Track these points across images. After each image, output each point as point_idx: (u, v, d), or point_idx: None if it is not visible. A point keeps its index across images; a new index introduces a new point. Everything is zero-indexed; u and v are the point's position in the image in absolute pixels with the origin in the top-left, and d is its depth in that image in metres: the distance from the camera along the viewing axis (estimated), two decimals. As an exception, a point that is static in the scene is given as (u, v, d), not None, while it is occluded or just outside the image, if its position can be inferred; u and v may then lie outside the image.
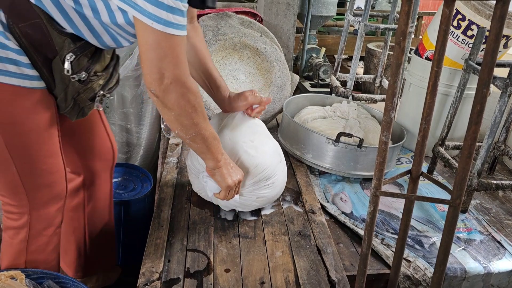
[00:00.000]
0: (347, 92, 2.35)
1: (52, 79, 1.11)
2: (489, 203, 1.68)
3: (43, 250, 1.32)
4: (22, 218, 1.25)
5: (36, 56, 1.07)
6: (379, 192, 0.95)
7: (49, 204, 1.27)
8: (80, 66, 1.11)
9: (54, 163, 1.24)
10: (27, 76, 1.08)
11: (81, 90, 1.15)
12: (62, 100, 1.15)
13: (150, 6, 0.93)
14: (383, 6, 5.58)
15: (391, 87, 0.87)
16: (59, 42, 1.06)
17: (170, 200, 1.47)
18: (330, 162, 1.72)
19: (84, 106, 1.21)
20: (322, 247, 1.30)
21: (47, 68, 1.09)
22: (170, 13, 0.94)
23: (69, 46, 1.08)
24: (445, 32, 0.88)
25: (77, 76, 1.11)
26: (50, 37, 1.05)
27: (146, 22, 0.94)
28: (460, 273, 1.29)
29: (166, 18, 0.94)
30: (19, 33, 1.03)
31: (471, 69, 1.61)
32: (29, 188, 1.21)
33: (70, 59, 1.08)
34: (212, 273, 1.17)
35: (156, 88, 1.01)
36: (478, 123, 0.84)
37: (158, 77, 0.99)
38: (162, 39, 0.96)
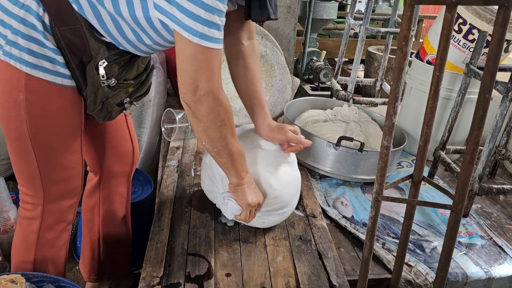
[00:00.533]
0: (348, 96, 2.35)
1: (84, 81, 1.17)
2: (490, 207, 1.68)
3: (52, 244, 1.35)
4: (36, 209, 1.29)
5: (71, 58, 1.13)
6: (381, 197, 0.94)
7: (62, 199, 1.31)
8: (111, 73, 1.17)
9: (72, 159, 1.28)
10: (60, 74, 1.14)
11: (110, 95, 1.20)
12: (92, 102, 1.20)
13: (187, 19, 0.97)
14: (384, 10, 5.59)
15: (393, 92, 0.87)
16: (95, 49, 1.13)
17: (171, 204, 1.47)
18: (331, 166, 1.71)
19: (112, 110, 1.26)
20: (323, 251, 1.30)
21: (80, 70, 1.15)
22: (206, 26, 0.98)
23: (103, 53, 1.14)
24: (447, 37, 0.88)
25: (106, 81, 1.17)
26: (88, 43, 1.12)
27: (183, 34, 0.98)
28: (461, 278, 1.29)
29: (201, 31, 0.98)
30: (59, 35, 1.09)
31: (472, 73, 1.61)
32: (46, 180, 1.25)
33: (103, 65, 1.14)
34: (213, 278, 1.17)
35: (189, 98, 1.05)
36: (481, 128, 0.84)
37: (193, 88, 1.03)
38: (199, 51, 1.00)
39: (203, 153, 1.48)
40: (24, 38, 1.08)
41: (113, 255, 1.68)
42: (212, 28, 0.99)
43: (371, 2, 2.32)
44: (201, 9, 0.96)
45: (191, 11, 0.96)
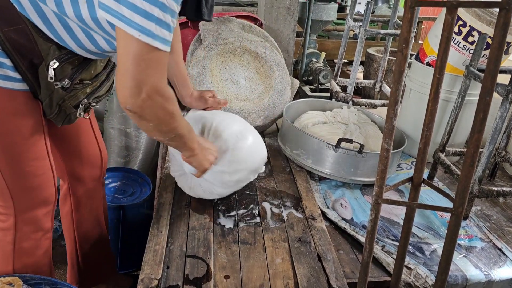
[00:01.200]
0: (347, 97, 2.34)
1: (37, 84, 1.11)
2: (490, 209, 1.68)
3: (31, 253, 1.30)
4: (9, 219, 1.24)
5: (20, 60, 1.06)
6: (381, 199, 0.94)
7: (36, 208, 1.26)
8: (64, 74, 1.11)
9: (39, 166, 1.23)
10: (9, 78, 1.08)
11: (66, 97, 1.15)
12: (47, 106, 1.15)
13: (138, 17, 0.90)
14: (383, 11, 5.59)
15: (394, 94, 0.86)
16: (45, 49, 1.06)
17: (169, 206, 1.47)
18: (330, 168, 1.71)
19: (70, 113, 1.20)
20: (323, 253, 1.29)
21: (31, 72, 1.09)
22: (158, 26, 0.92)
23: (53, 53, 1.07)
24: (447, 39, 0.87)
25: (60, 83, 1.11)
26: (36, 43, 1.05)
27: (132, 33, 0.91)
28: (461, 281, 1.28)
29: (154, 31, 0.92)
30: (2, 37, 1.03)
31: (472, 75, 1.61)
32: (14, 190, 1.21)
33: (54, 65, 1.08)
34: (212, 280, 1.16)
35: (133, 103, 0.97)
36: (481, 131, 0.84)
37: (136, 91, 0.95)
38: (146, 51, 0.93)
39: None
40: None
41: (93, 261, 1.65)
42: (164, 28, 0.93)
43: (371, 4, 2.32)
44: (155, 7, 0.90)
45: (143, 9, 0.89)
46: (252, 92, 2.10)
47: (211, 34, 2.07)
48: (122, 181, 2.05)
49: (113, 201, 1.89)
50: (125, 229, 1.92)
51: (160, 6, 0.90)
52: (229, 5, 3.21)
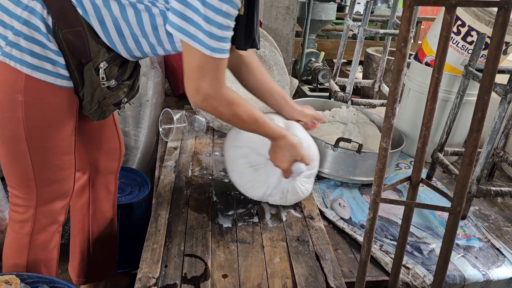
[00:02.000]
0: (346, 97, 2.34)
1: (81, 82, 1.18)
2: (488, 209, 1.68)
3: (45, 246, 1.34)
4: (28, 211, 1.28)
5: (72, 59, 1.14)
6: (379, 199, 0.94)
7: (55, 200, 1.31)
8: (111, 74, 1.19)
9: (67, 160, 1.29)
10: (60, 76, 1.15)
11: (108, 95, 1.22)
12: (88, 103, 1.22)
13: (201, 35, 1.04)
14: (382, 11, 5.60)
15: (392, 93, 0.86)
16: (95, 51, 1.14)
17: (168, 205, 1.46)
18: (329, 167, 1.71)
19: (107, 109, 1.27)
20: (321, 253, 1.29)
21: (79, 71, 1.16)
22: (219, 41, 1.06)
23: (103, 55, 1.16)
24: (446, 39, 0.87)
25: (107, 83, 1.19)
26: (88, 45, 1.13)
27: (196, 47, 1.06)
28: (459, 281, 1.28)
29: (215, 46, 1.06)
30: (61, 38, 1.10)
31: (470, 75, 1.61)
32: (40, 182, 1.25)
33: (104, 67, 1.16)
34: (210, 279, 1.16)
35: (194, 103, 1.18)
36: (479, 131, 0.84)
37: (195, 92, 1.13)
38: (207, 62, 1.08)
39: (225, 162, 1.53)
40: (27, 40, 1.08)
41: (102, 256, 1.67)
42: (223, 42, 1.07)
43: (370, 4, 2.32)
44: (218, 30, 1.04)
45: (208, 31, 1.03)
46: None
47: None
48: (120, 180, 2.04)
49: (111, 200, 1.89)
50: (124, 228, 1.91)
51: (222, 28, 1.04)
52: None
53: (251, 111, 1.24)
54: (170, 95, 2.73)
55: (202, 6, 1.01)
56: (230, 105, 1.18)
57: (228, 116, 1.21)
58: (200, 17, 1.02)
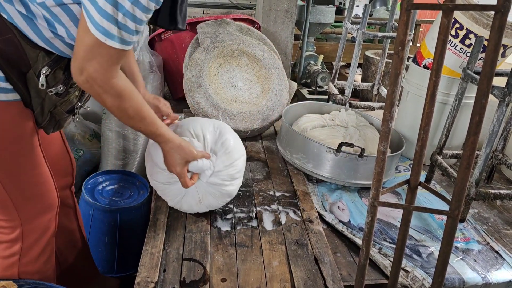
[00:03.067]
0: (345, 100, 2.34)
1: (27, 93, 1.11)
2: (487, 212, 1.68)
3: (36, 260, 1.29)
4: (15, 231, 1.22)
5: (10, 71, 1.06)
6: (377, 202, 0.94)
7: (41, 214, 1.26)
8: (57, 80, 1.12)
9: (39, 173, 1.22)
10: (2, 90, 1.07)
11: (58, 103, 1.15)
12: (39, 114, 1.15)
13: (105, 22, 0.96)
14: (381, 14, 5.60)
15: (390, 97, 0.86)
16: (33, 56, 1.07)
17: (166, 208, 1.46)
18: (330, 171, 1.71)
19: (61, 118, 1.20)
20: (320, 256, 1.29)
21: (22, 82, 1.09)
22: (120, 29, 0.98)
23: (43, 60, 1.08)
24: (443, 42, 0.88)
25: (54, 89, 1.11)
26: (24, 51, 1.06)
27: (91, 30, 0.97)
28: (458, 284, 1.28)
29: (111, 31, 0.97)
30: None
31: (469, 78, 1.61)
32: (18, 201, 1.19)
33: (46, 73, 1.09)
34: (208, 283, 1.16)
35: (76, 79, 1.05)
36: (477, 134, 0.84)
37: (78, 72, 1.03)
38: (97, 45, 0.99)
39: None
40: None
41: (70, 266, 1.61)
42: (127, 31, 0.99)
43: (368, 7, 2.32)
44: (119, 13, 0.96)
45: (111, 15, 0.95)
46: (249, 95, 2.10)
47: (209, 36, 2.07)
48: (119, 184, 2.04)
49: (110, 204, 1.89)
50: (122, 232, 1.91)
51: (124, 13, 0.96)
52: (227, 8, 3.22)
53: (140, 108, 1.15)
54: (169, 99, 2.73)
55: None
56: (117, 97, 1.09)
57: (111, 107, 1.11)
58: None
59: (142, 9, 0.97)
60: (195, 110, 2.02)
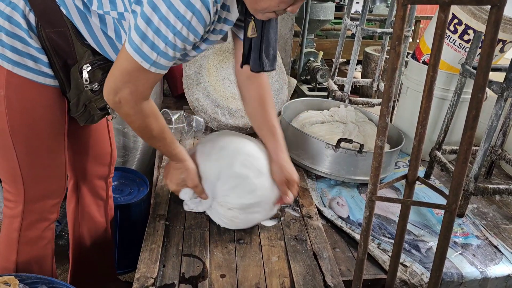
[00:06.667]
0: (344, 96, 2.34)
1: (68, 83, 1.18)
2: (486, 207, 1.68)
3: (34, 243, 1.34)
4: (17, 207, 1.28)
5: (56, 59, 1.14)
6: (375, 197, 0.94)
7: (45, 198, 1.31)
8: (95, 78, 1.17)
9: (54, 158, 1.28)
10: (42, 73, 1.15)
11: (93, 99, 1.21)
12: (74, 105, 1.22)
13: (146, 47, 0.99)
14: (381, 11, 5.60)
15: (387, 92, 0.87)
16: (80, 52, 1.14)
17: (166, 205, 1.47)
18: (329, 167, 1.71)
19: (95, 114, 1.26)
20: (318, 252, 1.30)
21: (64, 72, 1.16)
22: (160, 56, 1.01)
23: (88, 57, 1.15)
24: (440, 37, 0.88)
25: (90, 85, 1.17)
26: (73, 46, 1.13)
27: (136, 59, 1.01)
28: (456, 278, 1.29)
29: (155, 59, 1.01)
30: (44, 36, 1.11)
31: (467, 73, 1.61)
32: (27, 178, 1.25)
33: (87, 69, 1.15)
34: (207, 279, 1.16)
35: (107, 100, 1.10)
36: (474, 128, 0.84)
37: (112, 91, 1.07)
38: (137, 70, 1.03)
39: None
40: (8, 35, 1.08)
41: (95, 262, 1.65)
42: (165, 58, 1.02)
43: (367, 3, 2.32)
44: (162, 43, 0.99)
45: (152, 41, 0.98)
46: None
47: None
48: (119, 181, 2.05)
49: (110, 201, 1.90)
50: (123, 229, 1.92)
51: (167, 43, 0.99)
52: (227, 5, 3.19)
53: (163, 129, 1.20)
54: (169, 96, 2.73)
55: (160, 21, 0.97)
56: (146, 117, 1.14)
57: (139, 126, 1.16)
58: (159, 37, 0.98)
59: (183, 39, 1.00)
60: (195, 107, 2.02)
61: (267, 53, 1.24)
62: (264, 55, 1.23)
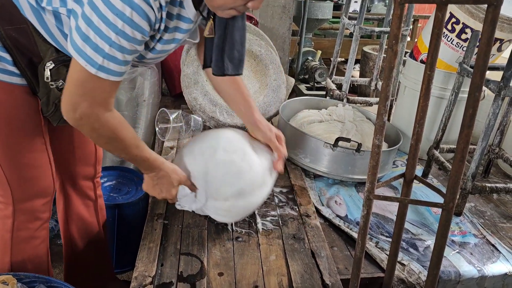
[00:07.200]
0: (342, 95, 2.35)
1: (36, 82, 1.15)
2: (484, 206, 1.68)
3: (28, 242, 1.32)
4: (8, 208, 1.27)
5: (20, 57, 1.10)
6: (373, 195, 0.94)
7: (34, 198, 1.29)
8: (59, 75, 1.13)
9: (37, 157, 1.26)
10: (7, 72, 1.12)
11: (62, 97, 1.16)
12: (44, 104, 1.18)
13: (89, 49, 0.95)
14: (379, 10, 5.60)
15: (384, 91, 0.87)
16: (44, 50, 1.10)
17: (164, 204, 1.47)
18: (327, 166, 1.71)
19: None
20: (316, 250, 1.30)
21: (31, 70, 1.13)
22: (107, 60, 0.96)
23: (51, 55, 1.11)
24: (438, 36, 0.88)
25: (55, 83, 1.13)
26: (36, 43, 1.09)
27: (80, 62, 0.96)
28: (454, 277, 1.29)
29: (101, 63, 0.96)
30: (3, 34, 1.07)
31: (465, 72, 1.61)
32: (12, 180, 1.23)
33: (50, 66, 1.11)
34: (206, 277, 1.16)
35: (68, 119, 1.04)
36: (471, 127, 0.84)
37: (71, 109, 1.01)
38: (89, 79, 0.98)
39: None
40: None
41: (86, 262, 1.63)
42: (114, 62, 0.97)
43: (366, 2, 2.32)
44: (106, 44, 0.94)
45: (95, 43, 0.94)
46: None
47: (206, 32, 2.07)
48: (117, 180, 2.05)
49: (108, 200, 1.89)
50: (120, 228, 1.92)
51: (111, 44, 0.94)
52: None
53: (135, 136, 1.14)
54: (167, 95, 2.73)
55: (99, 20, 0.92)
56: (114, 128, 1.08)
57: (109, 138, 1.09)
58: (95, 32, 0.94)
59: (128, 39, 0.95)
60: (193, 106, 2.02)
61: (231, 56, 1.19)
62: (227, 57, 1.18)
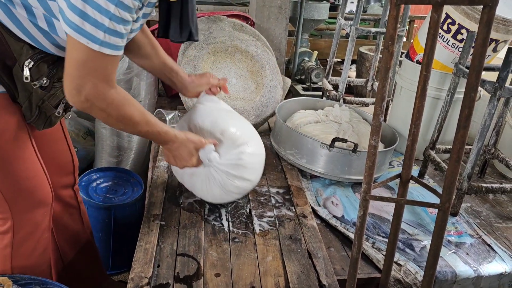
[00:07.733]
0: (339, 96, 2.35)
1: (14, 87, 1.09)
2: (480, 206, 1.69)
3: (30, 255, 1.29)
4: (6, 223, 1.23)
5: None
6: (369, 196, 0.94)
7: (33, 209, 1.26)
8: (41, 73, 1.09)
9: (29, 168, 1.22)
10: None
11: (45, 98, 1.13)
12: (27, 109, 1.13)
13: (88, 26, 0.92)
14: (375, 10, 5.61)
15: (380, 91, 0.87)
16: (17, 49, 1.05)
17: (160, 205, 1.46)
18: (324, 167, 1.71)
19: (51, 114, 1.19)
20: (313, 251, 1.30)
21: (6, 75, 1.07)
22: (108, 34, 0.94)
23: (27, 53, 1.06)
24: (433, 37, 0.88)
25: (38, 82, 1.09)
26: (7, 44, 1.04)
27: (81, 41, 0.93)
28: (450, 277, 1.29)
29: (102, 39, 0.94)
30: None
31: (461, 73, 1.62)
32: (7, 193, 1.20)
33: (29, 65, 1.06)
34: (202, 278, 1.16)
35: (74, 103, 1.02)
36: (467, 127, 0.85)
37: (76, 93, 0.99)
38: (91, 58, 0.96)
39: None
40: None
41: (77, 267, 1.60)
42: (115, 36, 0.96)
43: (362, 2, 2.32)
44: (106, 18, 0.92)
45: (94, 18, 0.91)
46: (243, 91, 2.10)
47: (202, 33, 2.07)
48: (113, 181, 2.04)
49: (104, 201, 1.89)
50: (117, 229, 1.91)
51: (111, 17, 0.92)
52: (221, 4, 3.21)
53: (143, 111, 1.12)
54: (163, 96, 2.73)
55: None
56: (121, 105, 1.06)
57: (117, 117, 1.07)
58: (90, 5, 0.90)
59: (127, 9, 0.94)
60: (189, 107, 2.02)
61: (193, 20, 1.19)
62: (190, 22, 1.17)
